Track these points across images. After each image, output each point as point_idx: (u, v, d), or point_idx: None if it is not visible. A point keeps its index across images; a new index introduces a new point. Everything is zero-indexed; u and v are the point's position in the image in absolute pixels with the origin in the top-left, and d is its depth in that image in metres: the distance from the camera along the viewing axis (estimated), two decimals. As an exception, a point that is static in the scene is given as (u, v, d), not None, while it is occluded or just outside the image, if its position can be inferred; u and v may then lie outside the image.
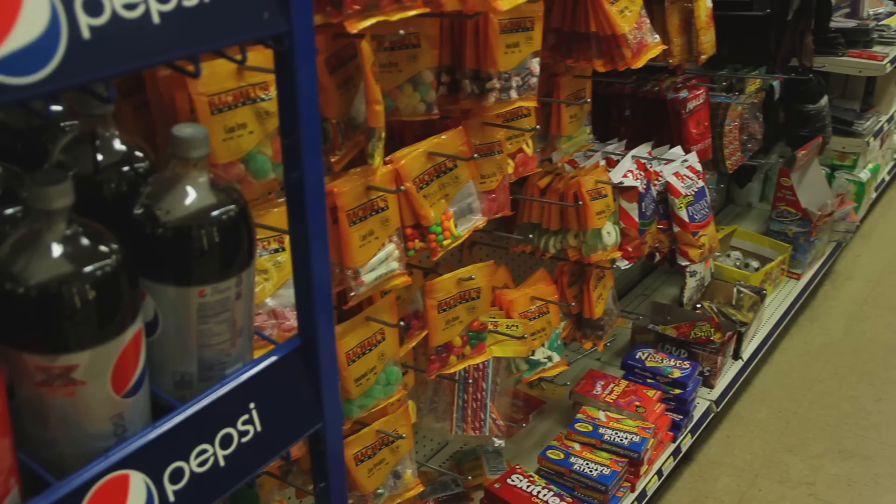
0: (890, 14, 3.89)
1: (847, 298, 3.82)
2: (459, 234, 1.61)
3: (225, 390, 0.95)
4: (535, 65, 1.67)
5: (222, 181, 0.97)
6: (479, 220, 1.66)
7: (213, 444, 0.94)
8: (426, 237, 1.56)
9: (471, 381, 1.88)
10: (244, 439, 0.97)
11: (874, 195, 4.43)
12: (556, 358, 2.11)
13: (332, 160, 1.39)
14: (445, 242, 1.58)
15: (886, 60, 3.59)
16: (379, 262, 1.45)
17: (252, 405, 0.98)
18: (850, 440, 2.92)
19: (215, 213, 0.93)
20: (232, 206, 0.94)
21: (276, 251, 1.28)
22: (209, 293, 0.94)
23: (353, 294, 1.42)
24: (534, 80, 1.67)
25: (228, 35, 0.84)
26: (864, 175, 4.01)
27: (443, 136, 1.57)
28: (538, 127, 1.79)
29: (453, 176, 1.59)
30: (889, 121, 4.20)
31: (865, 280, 3.97)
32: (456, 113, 1.68)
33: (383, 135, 1.36)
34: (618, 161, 2.23)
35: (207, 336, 0.97)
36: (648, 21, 1.98)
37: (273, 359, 1.02)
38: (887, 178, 4.68)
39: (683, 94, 2.47)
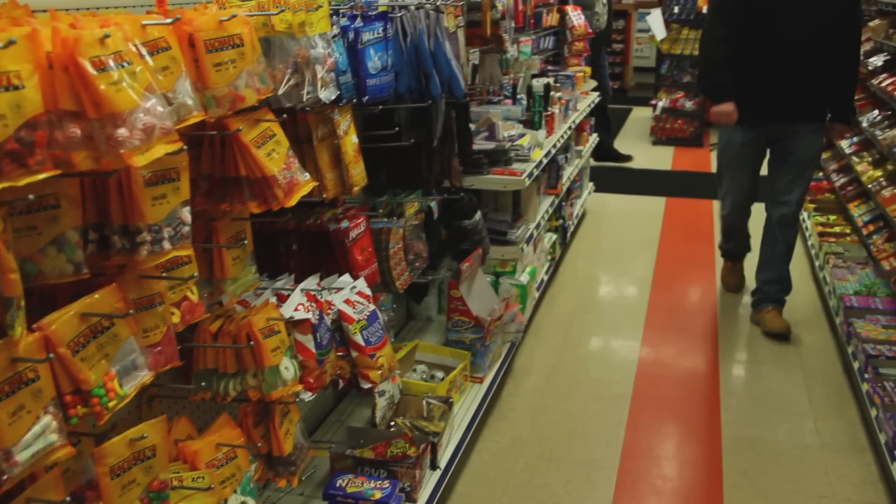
0: (521, 135, 4.37)
1: (528, 393, 4.10)
2: (126, 394, 1.56)
3: None
4: (186, 213, 1.68)
5: None
6: (145, 376, 1.61)
7: None
8: (89, 402, 1.49)
9: (159, 544, 1.79)
10: None
11: (536, 295, 4.85)
12: (252, 502, 2.07)
13: (-31, 336, 1.30)
14: (111, 404, 1.51)
15: (524, 175, 4.01)
16: (35, 437, 1.36)
17: None
18: (547, 527, 3.10)
19: None
20: None
21: None
22: None
23: (6, 477, 1.31)
24: (186, 229, 1.68)
25: None
26: (524, 278, 4.38)
27: (95, 296, 1.53)
28: (195, 275, 1.79)
29: (112, 334, 1.54)
30: (537, 227, 4.66)
31: (541, 373, 4.29)
32: (110, 269, 1.64)
33: (23, 303, 1.30)
34: (288, 295, 2.27)
35: None
36: (297, 161, 2.08)
37: None
38: (546, 278, 5.16)
39: (345, 224, 2.59)
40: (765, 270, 4.81)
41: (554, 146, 4.85)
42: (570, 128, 5.50)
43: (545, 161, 4.57)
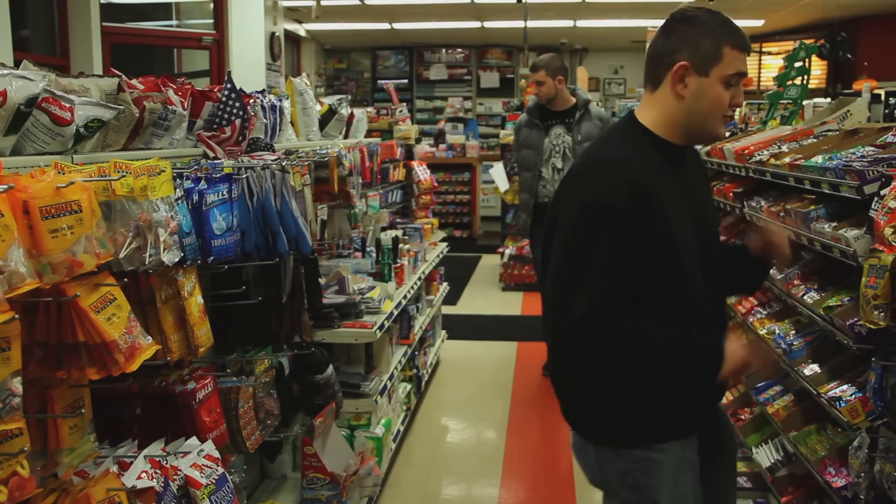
0: (372, 288, 4.44)
1: (388, 550, 4.01)
2: (-56, 584, 1.44)
3: None
4: (17, 384, 1.62)
5: None
6: (-33, 562, 1.51)
7: None
8: None
9: None
10: None
11: (393, 446, 4.80)
12: None
13: None
14: None
15: (375, 328, 4.05)
16: None
17: None
18: None
19: None
20: None
21: None
22: None
23: None
24: (17, 401, 1.61)
25: None
26: (379, 430, 4.35)
27: (-87, 478, 1.43)
28: (26, 448, 1.70)
29: (-70, 519, 1.44)
30: (391, 378, 4.67)
31: (401, 528, 4.22)
32: (-69, 448, 1.55)
33: None
34: (131, 463, 2.18)
35: None
36: (139, 324, 2.05)
37: None
38: (402, 429, 5.13)
39: (191, 385, 2.54)
40: None
41: (405, 297, 4.94)
42: (419, 278, 5.62)
43: (396, 312, 4.63)
